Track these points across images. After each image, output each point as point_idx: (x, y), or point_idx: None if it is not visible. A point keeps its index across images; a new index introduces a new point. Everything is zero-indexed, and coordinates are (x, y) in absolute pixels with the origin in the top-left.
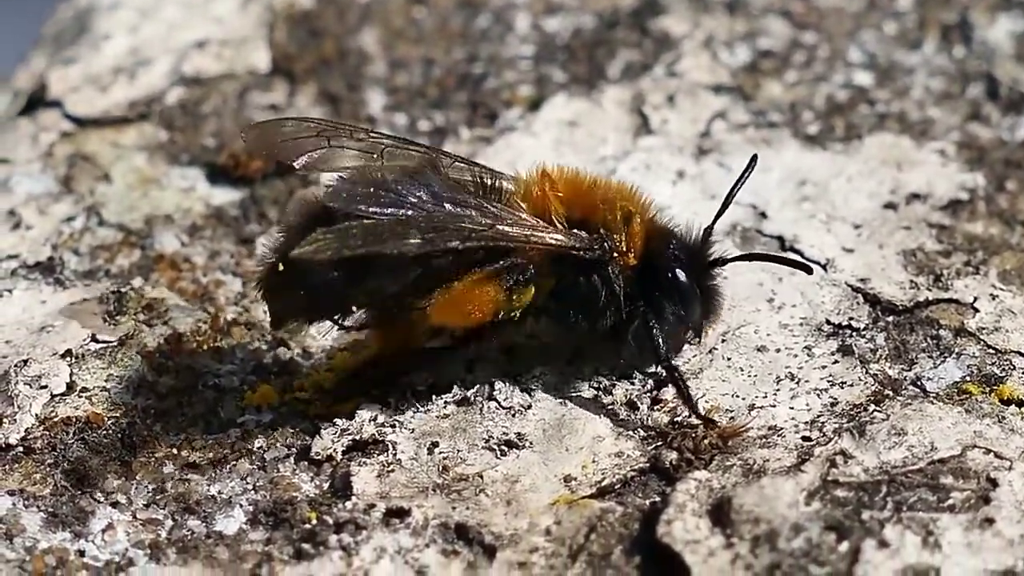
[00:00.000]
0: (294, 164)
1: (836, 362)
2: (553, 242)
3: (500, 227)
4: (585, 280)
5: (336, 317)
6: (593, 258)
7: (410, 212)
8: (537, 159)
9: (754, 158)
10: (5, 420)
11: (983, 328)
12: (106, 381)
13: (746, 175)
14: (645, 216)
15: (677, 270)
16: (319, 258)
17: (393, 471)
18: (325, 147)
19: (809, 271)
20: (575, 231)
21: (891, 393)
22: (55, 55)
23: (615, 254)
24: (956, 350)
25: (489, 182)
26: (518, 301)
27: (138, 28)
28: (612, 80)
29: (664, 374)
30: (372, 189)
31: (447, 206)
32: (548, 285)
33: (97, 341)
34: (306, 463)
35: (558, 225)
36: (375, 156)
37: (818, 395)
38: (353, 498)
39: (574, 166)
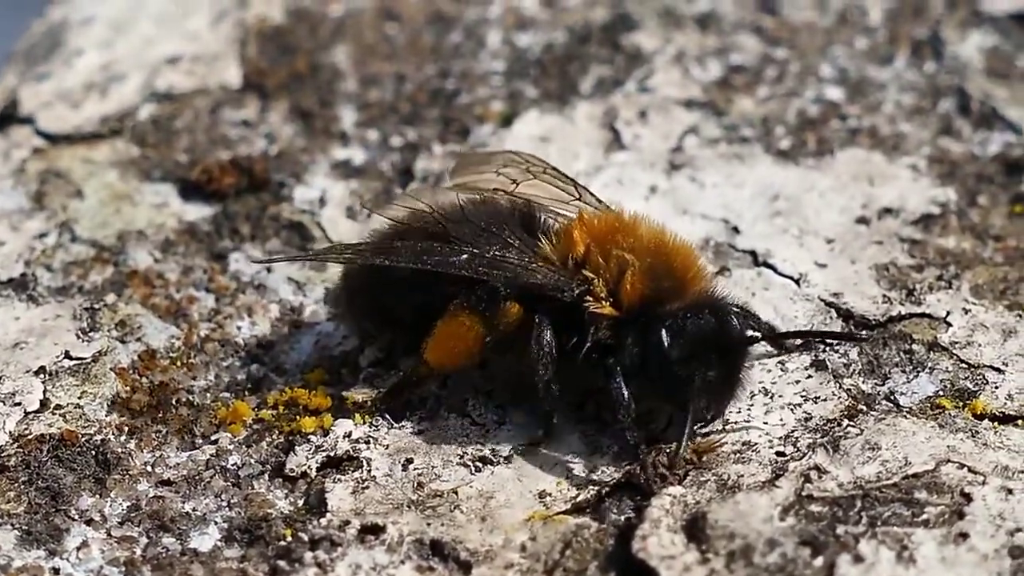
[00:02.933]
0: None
1: (810, 377)
2: (531, 280)
3: (483, 258)
4: (562, 322)
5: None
6: (568, 300)
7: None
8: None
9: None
10: None
11: (956, 342)
12: (80, 398)
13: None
14: (662, 271)
15: (662, 333)
16: (328, 260)
17: (368, 487)
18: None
19: (860, 340)
20: (556, 272)
21: (865, 408)
22: (27, 71)
23: (589, 298)
24: (929, 365)
25: (545, 216)
26: (500, 331)
27: (110, 44)
28: (584, 95)
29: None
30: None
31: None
32: (530, 320)
33: (71, 358)
34: (280, 480)
35: (562, 265)
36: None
37: (792, 410)
38: (328, 515)
39: (644, 214)
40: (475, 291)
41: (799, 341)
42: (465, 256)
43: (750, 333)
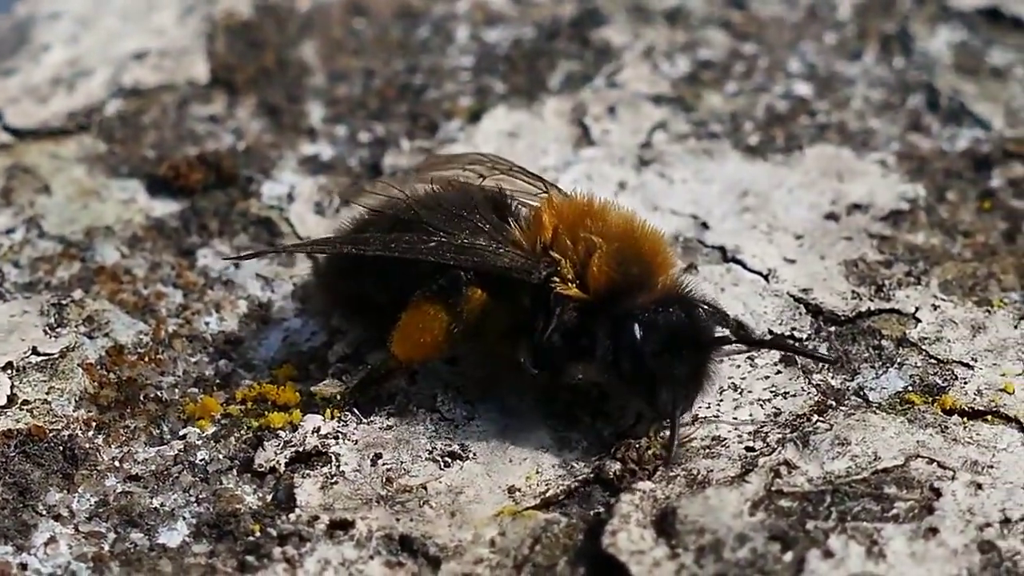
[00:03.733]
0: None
1: (779, 372)
2: (499, 263)
3: (451, 245)
4: (531, 304)
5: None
6: (536, 283)
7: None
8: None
9: None
10: None
11: (925, 338)
12: (47, 394)
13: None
14: (630, 256)
15: (633, 328)
16: (299, 252)
17: (337, 483)
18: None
19: (830, 362)
20: (525, 256)
21: (834, 403)
22: None
23: (556, 280)
24: (898, 360)
25: (515, 203)
26: (465, 319)
27: (77, 39)
28: (553, 91)
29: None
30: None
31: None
32: (498, 306)
33: (38, 354)
34: (249, 475)
35: (531, 248)
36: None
37: (761, 405)
38: (297, 510)
39: (613, 201)
40: (436, 280)
41: (768, 337)
42: (433, 243)
43: (719, 330)
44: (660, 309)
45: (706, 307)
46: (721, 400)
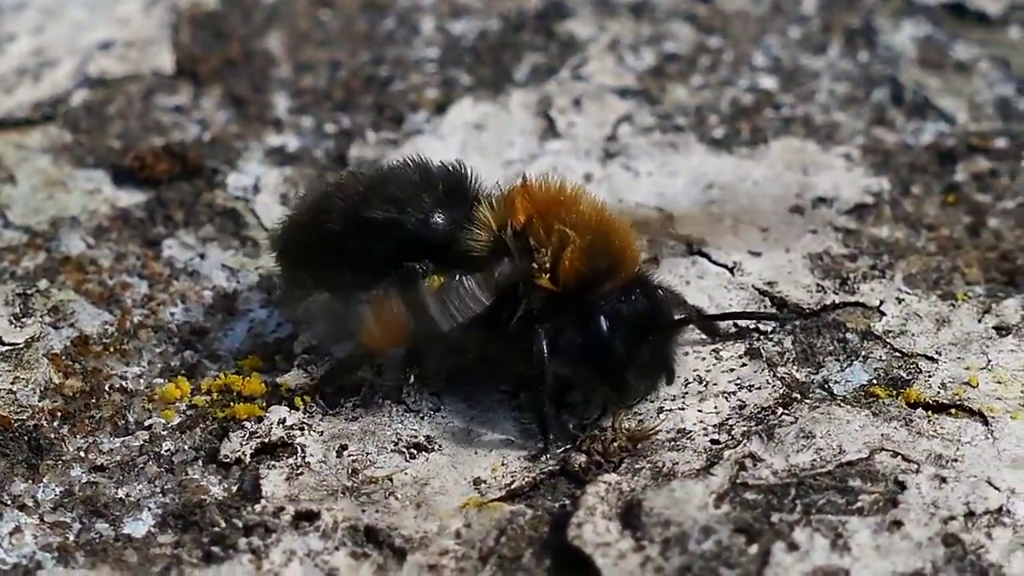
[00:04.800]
0: None
1: (744, 365)
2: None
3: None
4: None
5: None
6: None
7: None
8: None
9: None
10: None
11: (889, 331)
12: (12, 384)
13: None
14: (600, 250)
15: (596, 314)
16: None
17: (302, 474)
18: None
19: (777, 319)
20: (495, 240)
21: (799, 396)
22: None
23: (524, 269)
24: (863, 353)
25: (479, 182)
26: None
27: (42, 29)
28: (518, 83)
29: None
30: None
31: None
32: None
33: (3, 343)
34: (215, 466)
35: (500, 230)
36: None
37: (726, 398)
38: (262, 501)
39: (584, 187)
40: (392, 276)
41: (733, 330)
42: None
43: (680, 315)
44: (624, 297)
45: (668, 294)
46: (686, 393)
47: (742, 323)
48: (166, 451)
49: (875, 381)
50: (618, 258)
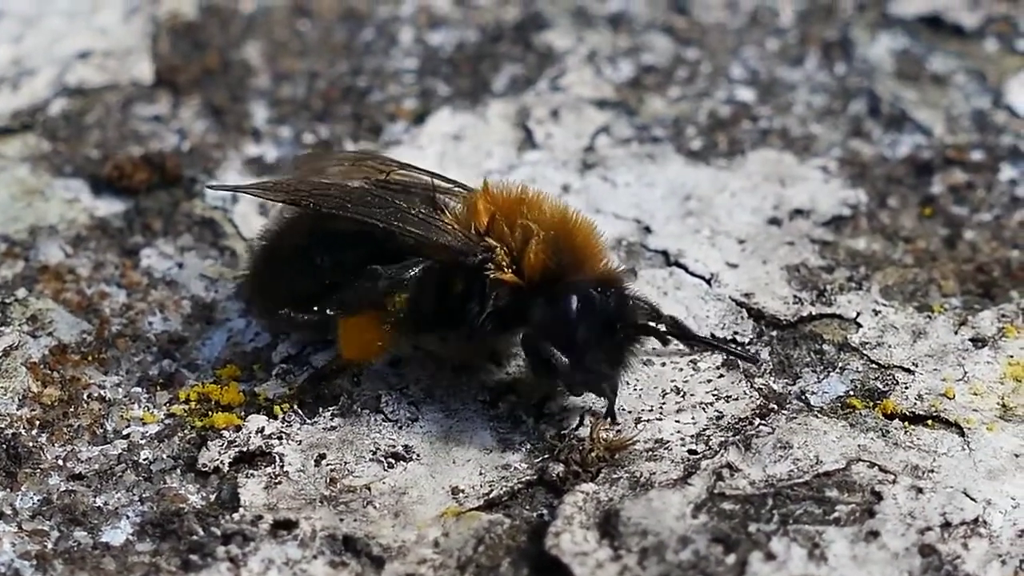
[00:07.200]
0: None
1: (721, 376)
2: (440, 240)
3: (400, 211)
4: (464, 288)
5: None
6: (471, 265)
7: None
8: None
9: None
10: None
11: (866, 343)
12: None
13: None
14: (564, 245)
15: (559, 301)
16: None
17: (280, 483)
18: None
19: (754, 361)
20: (465, 237)
21: (776, 407)
22: None
23: (491, 266)
24: (840, 365)
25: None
26: (396, 314)
27: (21, 38)
28: (496, 94)
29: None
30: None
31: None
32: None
33: None
34: (193, 475)
35: (464, 234)
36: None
37: (704, 409)
38: (241, 509)
39: (546, 193)
40: (354, 281)
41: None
42: (389, 209)
43: (644, 314)
44: (588, 290)
45: (633, 293)
46: (664, 403)
47: (714, 342)
48: (144, 460)
49: (852, 392)
50: (582, 254)
